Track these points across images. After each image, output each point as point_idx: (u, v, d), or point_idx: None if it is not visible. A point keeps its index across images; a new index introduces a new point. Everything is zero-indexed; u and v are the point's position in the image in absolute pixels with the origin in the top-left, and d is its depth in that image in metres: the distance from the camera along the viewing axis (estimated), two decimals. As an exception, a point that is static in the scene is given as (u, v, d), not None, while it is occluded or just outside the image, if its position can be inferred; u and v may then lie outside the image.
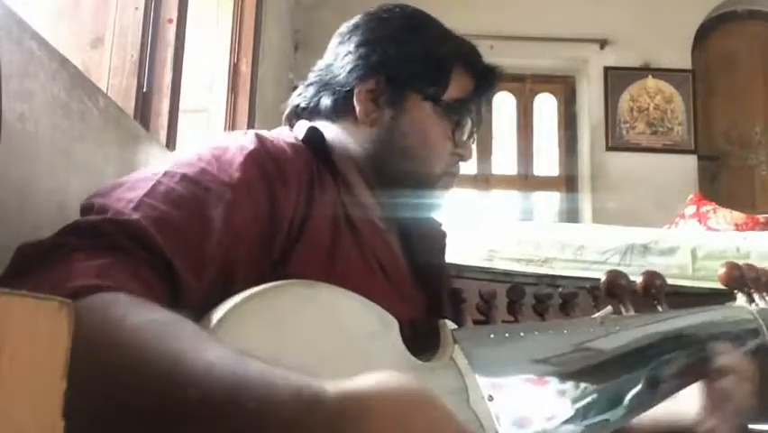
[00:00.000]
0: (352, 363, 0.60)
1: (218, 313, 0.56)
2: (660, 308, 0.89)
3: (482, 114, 0.90)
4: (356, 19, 0.90)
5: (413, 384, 0.49)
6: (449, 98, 0.84)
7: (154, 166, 0.69)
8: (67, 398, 0.32)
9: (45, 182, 0.82)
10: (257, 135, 0.74)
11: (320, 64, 0.90)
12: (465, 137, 0.88)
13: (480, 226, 1.88)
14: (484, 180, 3.94)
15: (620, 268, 1.81)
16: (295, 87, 0.91)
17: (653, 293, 0.91)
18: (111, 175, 1.00)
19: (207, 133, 2.32)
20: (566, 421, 0.70)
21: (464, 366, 0.68)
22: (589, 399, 0.73)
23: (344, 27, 0.90)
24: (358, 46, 0.85)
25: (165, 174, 0.65)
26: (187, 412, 0.44)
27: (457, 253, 1.59)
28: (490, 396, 0.67)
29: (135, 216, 0.59)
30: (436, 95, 0.84)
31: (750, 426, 0.86)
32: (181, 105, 1.64)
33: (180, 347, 0.47)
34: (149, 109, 1.44)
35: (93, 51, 1.33)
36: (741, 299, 0.92)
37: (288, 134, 0.82)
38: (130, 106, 1.33)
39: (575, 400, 0.72)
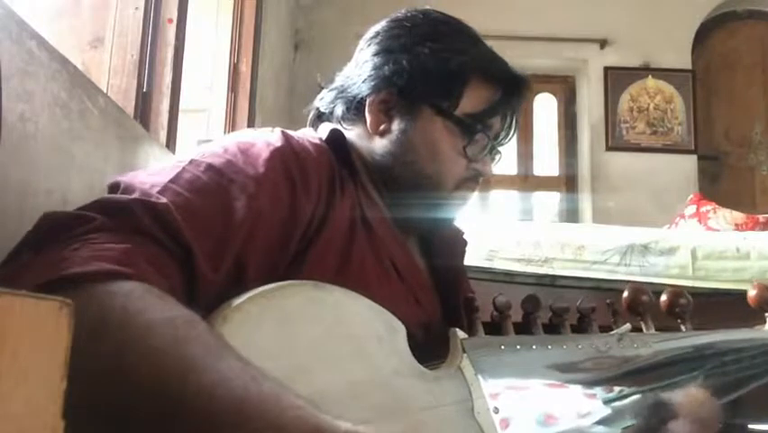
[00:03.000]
0: (355, 366, 0.60)
1: (227, 309, 0.56)
2: (684, 328, 0.84)
3: (511, 126, 0.87)
4: (379, 25, 0.89)
5: None
6: (463, 112, 0.82)
7: (180, 156, 0.69)
8: (69, 390, 0.32)
9: (45, 182, 0.82)
10: (283, 133, 0.75)
11: (345, 69, 0.90)
12: (482, 152, 0.85)
13: (480, 226, 1.87)
14: (484, 180, 3.93)
15: (620, 268, 1.82)
16: (321, 89, 0.91)
17: (677, 312, 0.86)
18: (111, 175, 0.99)
19: (207, 133, 2.32)
20: (599, 422, 0.69)
21: (471, 376, 0.68)
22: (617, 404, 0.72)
23: (368, 33, 0.89)
24: (374, 55, 0.85)
25: (191, 162, 0.65)
26: (190, 423, 0.44)
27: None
28: (496, 408, 0.66)
29: (162, 199, 0.59)
30: (448, 109, 0.82)
31: (750, 426, 0.85)
32: (181, 105, 1.64)
33: (194, 353, 0.47)
34: (149, 109, 1.44)
35: (93, 51, 1.33)
36: None
37: (313, 135, 0.83)
38: (130, 106, 1.33)
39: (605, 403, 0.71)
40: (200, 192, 0.62)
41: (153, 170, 0.65)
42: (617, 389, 0.73)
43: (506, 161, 4.03)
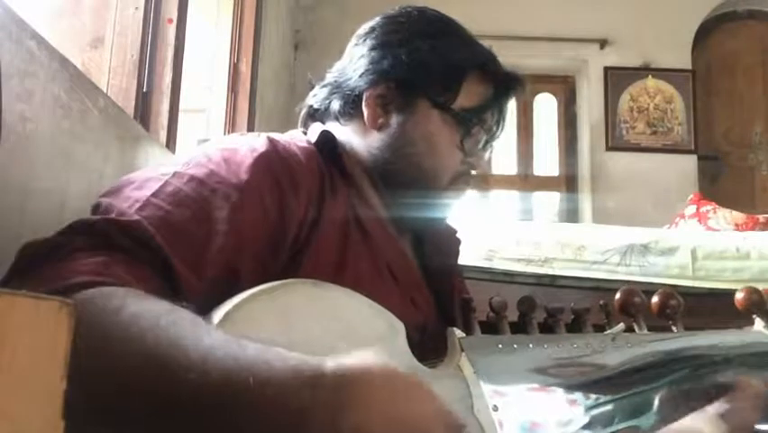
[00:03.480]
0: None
1: (225, 308, 0.56)
2: (675, 329, 0.84)
3: (501, 122, 0.88)
4: (374, 21, 0.89)
5: (401, 370, 0.49)
6: (459, 107, 0.83)
7: (165, 165, 0.70)
8: (67, 394, 0.32)
9: (45, 182, 0.82)
10: (269, 138, 0.74)
11: (336, 65, 0.89)
12: (477, 147, 0.86)
13: (480, 226, 1.87)
14: (484, 180, 3.94)
15: (620, 268, 1.82)
16: (312, 87, 0.91)
17: (668, 313, 0.85)
18: (111, 175, 1.00)
19: (207, 133, 2.32)
20: (584, 428, 0.69)
21: (470, 375, 0.68)
22: (601, 409, 0.72)
23: (362, 29, 0.89)
24: (371, 50, 0.85)
25: (174, 175, 0.66)
26: (187, 395, 0.45)
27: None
28: (495, 406, 0.66)
29: (136, 216, 0.59)
30: (446, 103, 0.82)
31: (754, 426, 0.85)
32: (181, 106, 1.64)
33: (180, 333, 0.48)
34: (149, 109, 1.44)
35: (93, 51, 1.33)
36: (759, 324, 0.87)
37: (301, 138, 0.82)
38: (130, 106, 1.34)
39: (587, 410, 0.71)
40: (182, 205, 0.63)
41: (139, 183, 0.65)
42: (593, 396, 0.73)
43: (506, 161, 4.04)
